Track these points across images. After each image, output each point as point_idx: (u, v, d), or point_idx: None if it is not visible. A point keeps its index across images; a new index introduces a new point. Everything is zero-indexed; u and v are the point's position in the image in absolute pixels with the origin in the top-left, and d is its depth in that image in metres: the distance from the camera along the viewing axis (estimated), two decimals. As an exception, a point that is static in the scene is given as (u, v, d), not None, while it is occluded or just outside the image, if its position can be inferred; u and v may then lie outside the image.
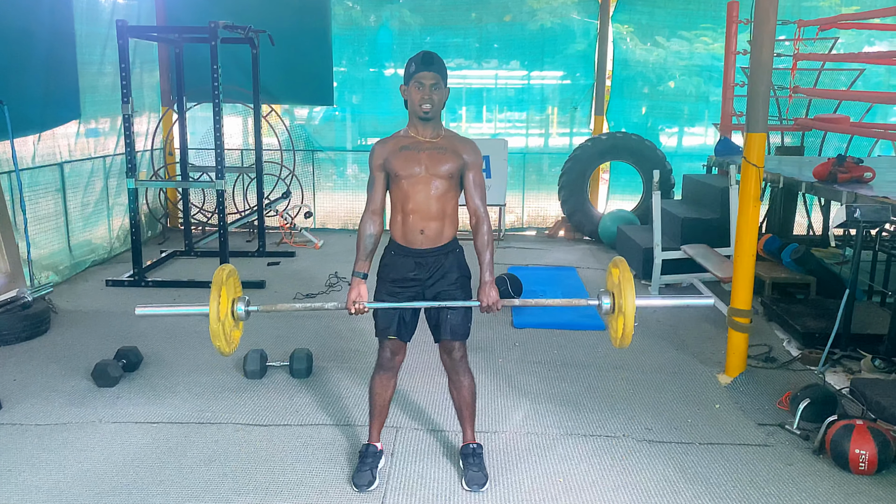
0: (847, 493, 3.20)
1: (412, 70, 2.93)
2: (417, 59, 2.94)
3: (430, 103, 2.93)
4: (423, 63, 2.91)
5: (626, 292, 2.83)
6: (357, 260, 3.08)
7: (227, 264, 3.05)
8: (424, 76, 2.91)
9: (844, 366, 4.55)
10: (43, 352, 4.77)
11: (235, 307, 2.99)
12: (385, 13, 8.75)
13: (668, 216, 6.79)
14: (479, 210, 3.05)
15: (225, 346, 2.94)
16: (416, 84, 2.93)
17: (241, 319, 3.03)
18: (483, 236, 3.04)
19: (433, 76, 2.92)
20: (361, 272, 3.06)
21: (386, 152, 3.02)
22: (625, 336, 2.89)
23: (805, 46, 7.47)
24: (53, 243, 6.45)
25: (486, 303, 2.99)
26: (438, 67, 2.94)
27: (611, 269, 3.03)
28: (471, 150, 3.04)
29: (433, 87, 2.93)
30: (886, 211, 4.36)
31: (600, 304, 2.99)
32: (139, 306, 3.03)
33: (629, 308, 2.82)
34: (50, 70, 6.16)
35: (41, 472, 3.29)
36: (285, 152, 8.58)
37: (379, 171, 3.05)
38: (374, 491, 3.17)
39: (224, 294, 2.92)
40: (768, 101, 4.21)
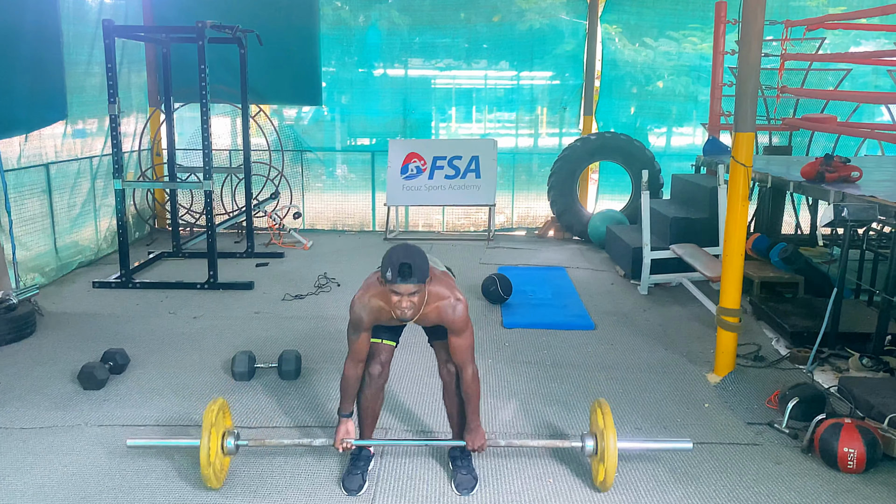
0: (836, 491, 3.20)
1: (389, 277, 2.74)
2: (394, 267, 2.72)
3: (410, 309, 2.81)
4: (400, 276, 2.72)
5: (608, 439, 3.01)
6: (342, 402, 3.18)
7: (218, 398, 3.16)
8: (402, 288, 2.75)
9: (833, 364, 4.57)
10: (28, 354, 4.73)
11: (225, 442, 3.12)
12: (374, 13, 8.73)
13: (657, 216, 6.80)
14: (464, 364, 3.07)
15: (215, 485, 3.08)
16: (392, 291, 2.78)
17: (230, 454, 3.17)
18: (469, 386, 3.09)
19: (412, 287, 2.76)
20: (347, 413, 3.17)
21: (373, 319, 2.98)
22: (605, 482, 3.09)
23: (792, 46, 7.50)
24: (39, 245, 6.39)
25: (473, 446, 3.14)
26: (418, 276, 2.75)
27: (595, 408, 3.21)
28: (456, 317, 2.95)
29: (412, 295, 2.78)
30: (873, 210, 4.38)
31: (584, 445, 3.19)
32: (130, 438, 3.27)
33: (611, 458, 3.01)
34: (36, 70, 6.10)
35: (26, 476, 3.25)
36: (274, 153, 8.55)
37: (365, 331, 3.03)
38: (364, 493, 3.16)
39: (213, 434, 3.02)
40: (756, 100, 4.22)
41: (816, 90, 7.94)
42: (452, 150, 8.58)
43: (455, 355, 3.05)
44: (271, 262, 7.31)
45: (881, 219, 4.53)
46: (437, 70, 8.96)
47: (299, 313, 5.64)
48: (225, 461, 3.17)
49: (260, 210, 8.16)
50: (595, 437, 3.14)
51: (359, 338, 3.04)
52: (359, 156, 9.16)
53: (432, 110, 9.11)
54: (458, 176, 8.53)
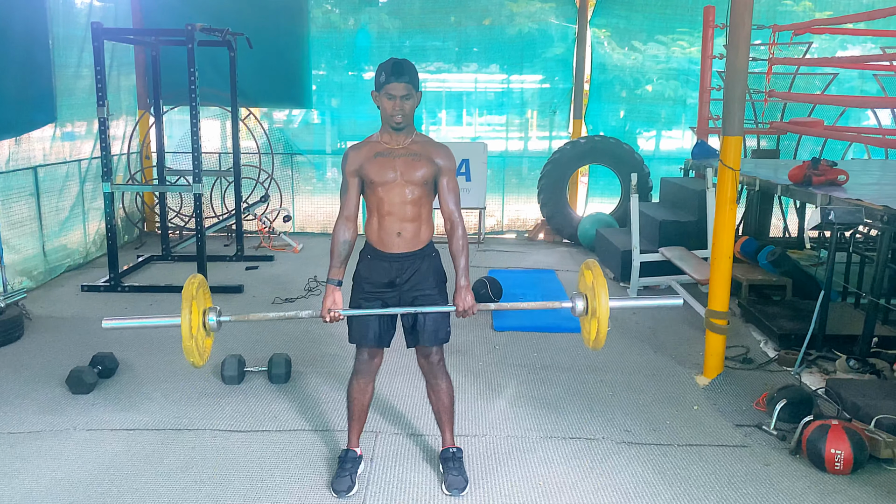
0: (823, 492, 3.23)
1: (382, 80, 2.88)
2: (387, 67, 2.88)
3: (402, 114, 2.89)
4: (392, 73, 2.86)
5: (600, 294, 2.85)
6: (331, 267, 3.06)
7: (198, 275, 3.02)
8: (394, 87, 2.86)
9: (820, 366, 4.60)
10: (16, 358, 4.70)
11: (207, 318, 2.96)
12: (363, 16, 8.73)
13: (646, 219, 6.83)
14: (453, 215, 3.04)
15: (199, 361, 2.93)
16: (386, 94, 2.88)
17: (212, 331, 3.01)
18: (458, 241, 3.03)
19: (404, 87, 2.87)
20: (336, 279, 3.05)
21: (360, 159, 2.99)
22: (598, 338, 2.90)
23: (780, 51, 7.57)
24: (28, 248, 6.35)
25: (462, 307, 2.98)
26: (409, 77, 2.88)
27: (583, 270, 3.04)
28: (444, 156, 3.01)
29: (404, 98, 2.88)
30: (860, 213, 4.42)
31: (574, 305, 3.00)
32: (106, 319, 2.99)
33: (603, 310, 2.84)
34: (25, 73, 6.07)
35: (14, 482, 3.23)
36: (264, 156, 8.53)
37: (353, 177, 3.02)
38: (354, 496, 3.15)
39: (195, 307, 2.90)
40: (744, 104, 4.25)
41: (804, 94, 8.02)
42: (443, 154, 8.58)
43: (445, 203, 3.03)
44: (261, 266, 7.30)
45: (867, 222, 4.58)
46: (427, 73, 8.97)
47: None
48: (207, 342, 3.03)
49: (250, 213, 8.14)
50: (584, 296, 2.99)
51: (348, 189, 3.03)
52: (349, 159, 9.13)
53: (422, 113, 9.12)
54: (448, 179, 8.52)
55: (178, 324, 2.85)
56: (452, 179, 3.04)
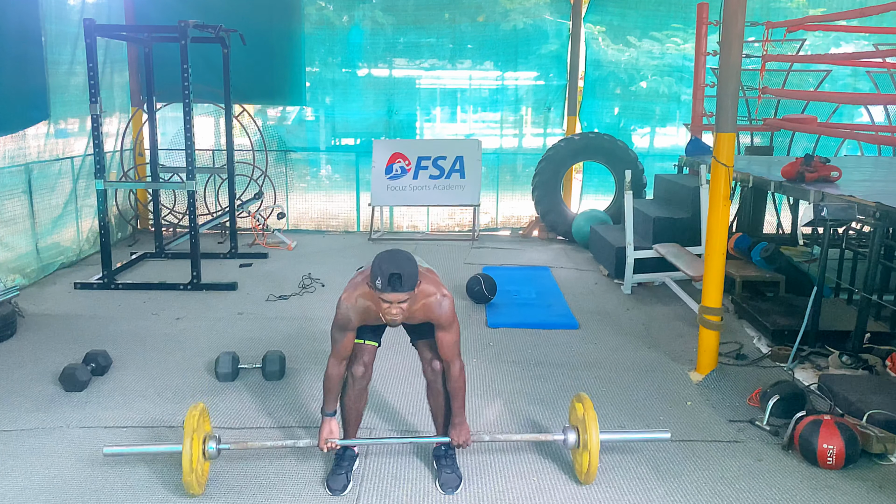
0: (815, 487, 3.24)
1: (379, 286, 2.75)
2: (384, 277, 2.72)
3: (400, 315, 2.84)
4: (390, 286, 2.72)
5: (591, 428, 3.02)
6: (326, 402, 3.17)
7: (199, 403, 3.14)
8: (391, 297, 2.76)
9: (813, 362, 4.62)
10: (9, 356, 4.68)
11: (206, 447, 3.08)
12: (357, 13, 8.71)
13: (640, 216, 6.84)
14: (451, 360, 3.08)
15: (197, 491, 3.04)
16: (383, 300, 2.79)
17: (211, 458, 3.14)
18: (455, 382, 3.11)
19: (403, 296, 2.77)
20: (330, 411, 3.16)
21: (359, 320, 2.99)
22: (590, 472, 3.08)
23: (773, 48, 7.57)
24: (20, 246, 6.32)
25: (457, 441, 3.16)
26: (406, 287, 2.75)
27: (574, 403, 3.22)
28: (443, 313, 2.97)
29: (402, 302, 2.80)
30: (852, 209, 4.43)
31: (565, 438, 3.20)
32: (107, 446, 3.20)
33: (594, 444, 3.02)
34: (18, 71, 6.05)
35: (7, 479, 3.22)
36: (257, 153, 8.51)
37: (351, 330, 3.03)
38: (349, 493, 3.16)
39: (195, 440, 2.99)
40: (737, 101, 4.26)
41: (797, 91, 8.03)
42: (437, 151, 8.59)
43: (442, 351, 3.06)
44: (255, 263, 7.28)
45: (860, 218, 4.60)
46: (421, 70, 8.97)
47: (283, 314, 5.62)
48: (205, 465, 3.15)
49: (243, 210, 8.12)
50: (576, 429, 3.14)
51: (344, 337, 3.04)
52: (343, 156, 9.15)
53: (417, 110, 9.12)
54: (442, 176, 8.54)
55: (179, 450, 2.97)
56: (451, 329, 3.03)
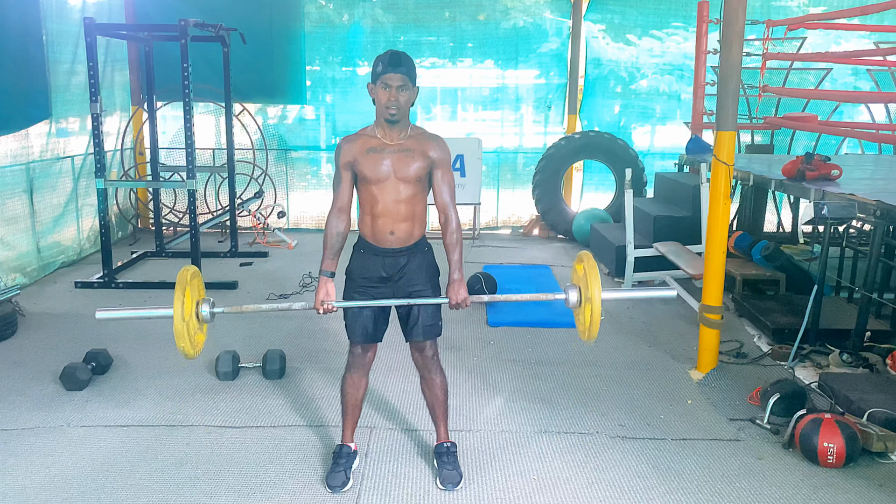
0: (816, 485, 3.24)
1: (379, 70, 2.86)
2: (385, 58, 2.86)
3: (397, 106, 2.87)
4: (390, 63, 2.84)
5: (592, 284, 2.87)
6: (324, 258, 3.06)
7: (192, 266, 3.02)
8: (391, 77, 2.85)
9: (813, 360, 4.62)
10: (9, 355, 4.68)
11: (200, 308, 2.97)
12: (358, 11, 8.71)
13: (641, 214, 6.84)
14: (447, 208, 3.03)
15: (189, 348, 2.92)
16: (382, 84, 2.87)
17: (205, 321, 3.01)
18: (452, 234, 3.04)
19: (400, 77, 2.85)
20: (329, 271, 3.05)
21: (353, 152, 2.97)
22: (592, 327, 2.93)
23: (774, 46, 7.56)
24: (21, 245, 6.33)
25: (455, 300, 3.00)
26: (406, 68, 2.87)
27: (576, 264, 3.07)
28: (438, 148, 3.00)
29: (400, 89, 2.86)
30: (853, 208, 4.43)
31: (567, 297, 3.02)
32: (99, 309, 3.00)
33: (596, 298, 2.87)
34: (19, 70, 6.05)
35: (7, 478, 3.23)
36: (258, 151, 8.51)
37: (346, 170, 3.00)
38: (349, 491, 3.16)
39: (188, 294, 2.89)
40: (738, 99, 4.25)
41: (797, 89, 8.03)
42: (437, 149, 8.57)
43: (439, 196, 3.02)
44: (255, 262, 7.29)
45: (860, 216, 4.59)
46: (421, 69, 8.94)
47: (284, 313, 5.62)
48: (200, 336, 3.03)
49: (244, 209, 8.13)
50: (577, 287, 3.02)
51: (341, 182, 3.01)
52: (344, 155, 9.13)
53: (417, 109, 9.11)
54: (443, 175, 8.52)
55: (171, 314, 2.85)
56: (447, 172, 3.03)
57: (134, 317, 3.24)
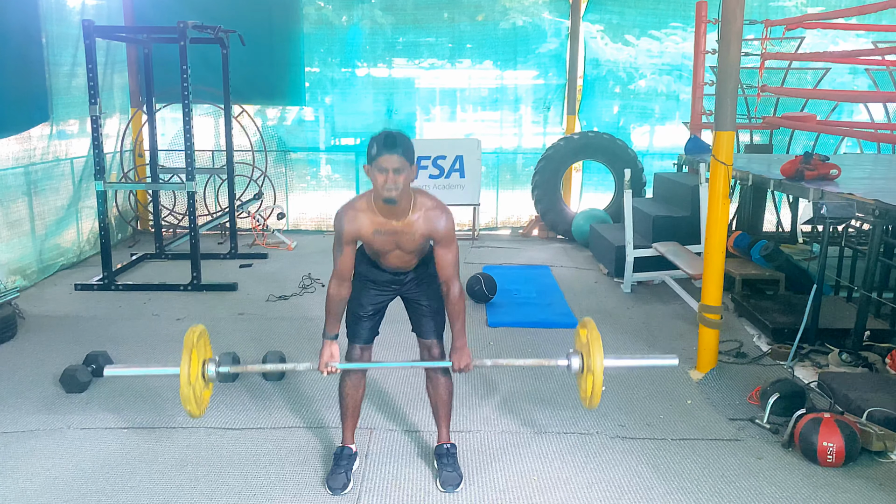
0: (815, 485, 3.25)
1: (373, 153, 2.74)
2: (379, 140, 2.74)
3: (395, 189, 2.75)
4: (385, 146, 2.72)
5: (595, 353, 2.93)
6: (327, 322, 3.12)
7: (199, 325, 3.09)
8: (387, 160, 2.72)
9: (813, 360, 4.62)
10: (9, 358, 4.68)
11: (206, 369, 3.04)
12: (357, 13, 8.71)
13: (640, 214, 6.84)
14: (450, 280, 3.04)
15: (195, 410, 2.99)
16: (377, 168, 2.75)
17: (211, 381, 3.09)
18: (454, 305, 3.07)
19: (397, 159, 2.73)
20: (332, 334, 3.11)
21: (358, 229, 2.93)
22: (593, 397, 3.01)
23: (772, 46, 7.57)
24: (21, 247, 6.33)
25: (459, 366, 3.09)
26: (403, 149, 2.74)
27: (579, 328, 3.13)
28: (443, 226, 2.93)
29: (396, 171, 2.73)
30: (852, 207, 4.44)
31: (569, 363, 3.11)
32: (108, 367, 3.15)
33: (597, 370, 2.93)
34: (19, 72, 6.06)
35: (8, 481, 3.23)
36: (257, 153, 8.51)
37: (349, 244, 2.98)
38: (349, 492, 3.16)
39: (195, 357, 2.96)
40: (736, 99, 4.26)
41: (796, 89, 8.03)
42: (437, 150, 8.58)
43: (442, 270, 3.02)
44: (255, 263, 7.29)
45: (859, 216, 4.60)
46: (421, 70, 8.97)
47: (283, 314, 5.63)
48: (205, 394, 3.08)
49: (243, 211, 8.13)
50: (580, 354, 3.06)
51: (342, 253, 3.00)
52: (343, 156, 9.15)
53: (416, 110, 9.12)
54: (442, 175, 8.54)
55: (178, 373, 2.92)
56: (451, 245, 2.99)
57: (142, 374, 3.32)
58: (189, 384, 2.90)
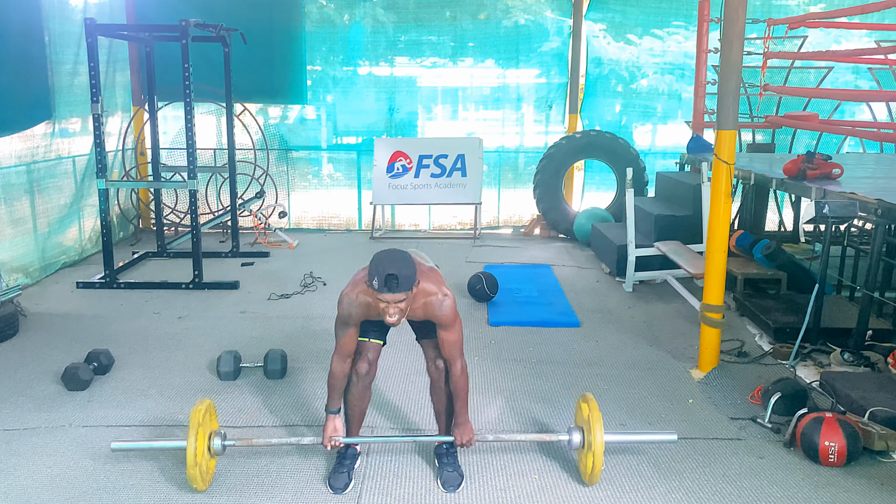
0: (817, 484, 3.24)
1: (375, 286, 2.73)
2: (381, 277, 2.70)
3: (397, 315, 2.81)
4: (386, 287, 2.71)
5: (595, 429, 3.01)
6: (330, 398, 3.16)
7: (205, 399, 3.15)
8: (388, 297, 2.75)
9: (815, 359, 4.62)
10: (11, 355, 4.69)
11: (212, 443, 3.09)
12: (359, 11, 8.71)
13: (642, 213, 6.84)
14: (453, 359, 3.08)
15: (201, 485, 3.04)
16: (380, 299, 2.77)
17: (216, 454, 3.15)
18: (457, 381, 3.10)
19: (398, 297, 2.76)
20: (335, 409, 3.15)
21: (362, 314, 2.98)
22: (594, 473, 3.07)
23: (775, 45, 7.56)
24: (23, 245, 6.34)
25: (461, 441, 3.15)
26: (404, 286, 2.74)
27: (580, 404, 3.21)
28: (444, 312, 2.97)
29: (399, 302, 2.78)
30: (854, 206, 4.43)
31: (570, 439, 3.20)
32: (115, 441, 3.22)
33: (598, 447, 3.00)
34: (21, 70, 6.06)
35: (9, 478, 3.23)
36: (259, 151, 8.52)
37: (354, 326, 3.03)
38: (350, 492, 3.16)
39: (201, 436, 3.00)
40: (738, 98, 4.25)
41: (798, 88, 8.02)
42: (438, 149, 8.59)
43: (444, 350, 3.07)
44: (257, 262, 7.29)
45: (862, 215, 4.59)
46: (422, 68, 8.96)
47: (285, 313, 5.63)
48: (211, 463, 3.17)
49: (245, 209, 8.13)
50: (581, 430, 3.16)
51: (346, 333, 3.05)
52: (344, 154, 9.15)
53: (418, 109, 9.12)
54: (444, 174, 8.54)
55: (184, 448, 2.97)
56: (454, 329, 3.02)
57: (149, 448, 3.38)
58: (195, 464, 2.96)
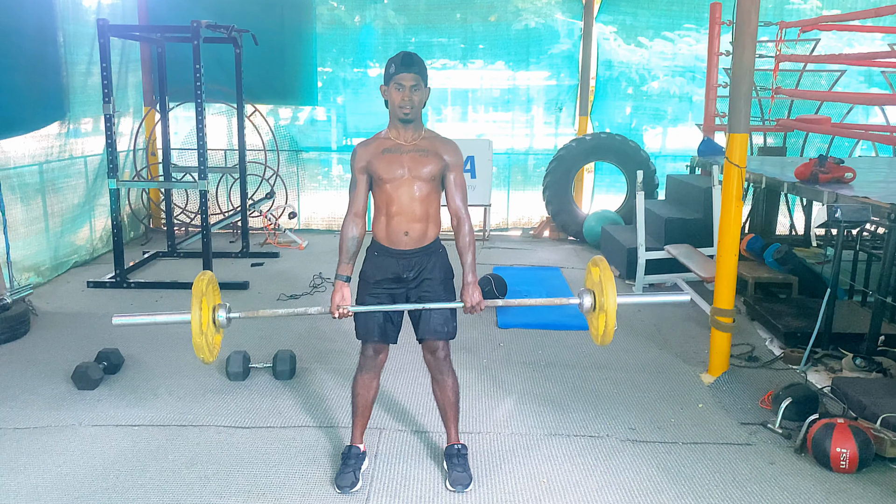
0: (828, 491, 3.22)
1: (391, 71, 2.91)
2: (397, 59, 2.91)
3: (410, 105, 2.92)
4: (402, 64, 2.89)
5: (607, 290, 2.87)
6: (340, 263, 3.08)
7: (207, 271, 3.04)
8: (404, 77, 2.89)
9: (826, 365, 4.58)
10: (22, 354, 4.72)
11: (216, 315, 2.99)
12: (369, 13, 8.73)
13: (652, 216, 6.81)
14: (460, 211, 3.06)
15: (208, 357, 2.95)
16: (395, 85, 2.91)
17: (222, 327, 3.04)
18: (465, 237, 3.07)
19: (413, 77, 2.90)
20: (344, 275, 3.07)
21: (368, 155, 3.01)
22: (606, 333, 2.94)
23: (787, 48, 7.53)
24: (35, 244, 6.37)
25: (470, 303, 3.03)
26: (419, 68, 2.92)
27: (590, 267, 3.08)
28: (452, 151, 3.04)
29: (413, 89, 2.91)
30: (867, 211, 4.40)
31: (581, 302, 3.03)
32: (116, 315, 3.02)
33: (610, 306, 2.87)
34: (35, 70, 6.10)
35: (19, 477, 3.25)
36: (269, 152, 8.54)
37: (361, 174, 3.04)
38: (358, 492, 3.16)
39: (205, 304, 2.92)
40: (750, 101, 4.23)
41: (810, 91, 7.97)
42: (448, 150, 8.57)
43: (452, 200, 3.06)
44: (266, 262, 7.31)
45: (874, 219, 4.56)
46: (433, 70, 8.95)
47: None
48: (216, 338, 3.05)
49: (255, 210, 8.16)
50: (592, 292, 3.02)
51: (356, 187, 3.05)
52: (354, 156, 9.14)
53: (428, 110, 9.11)
54: (453, 176, 8.52)
55: (188, 320, 2.87)
56: (460, 175, 3.07)
57: (150, 322, 3.25)
58: (201, 333, 2.87)
